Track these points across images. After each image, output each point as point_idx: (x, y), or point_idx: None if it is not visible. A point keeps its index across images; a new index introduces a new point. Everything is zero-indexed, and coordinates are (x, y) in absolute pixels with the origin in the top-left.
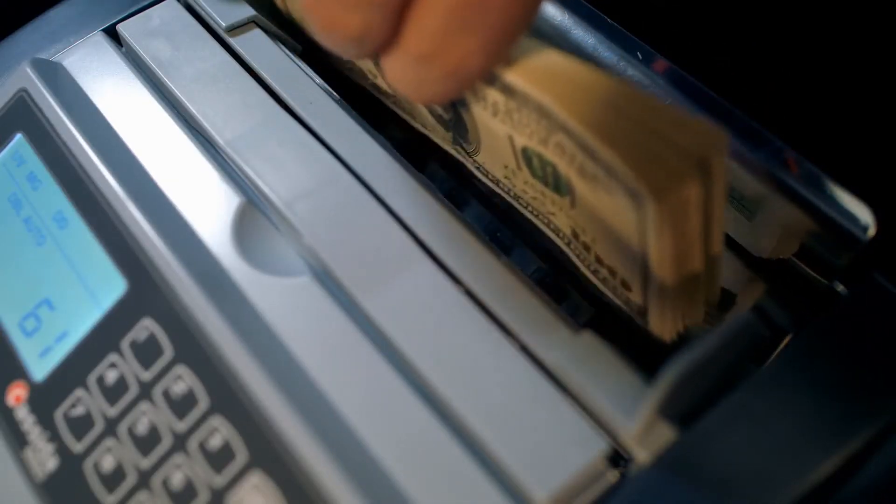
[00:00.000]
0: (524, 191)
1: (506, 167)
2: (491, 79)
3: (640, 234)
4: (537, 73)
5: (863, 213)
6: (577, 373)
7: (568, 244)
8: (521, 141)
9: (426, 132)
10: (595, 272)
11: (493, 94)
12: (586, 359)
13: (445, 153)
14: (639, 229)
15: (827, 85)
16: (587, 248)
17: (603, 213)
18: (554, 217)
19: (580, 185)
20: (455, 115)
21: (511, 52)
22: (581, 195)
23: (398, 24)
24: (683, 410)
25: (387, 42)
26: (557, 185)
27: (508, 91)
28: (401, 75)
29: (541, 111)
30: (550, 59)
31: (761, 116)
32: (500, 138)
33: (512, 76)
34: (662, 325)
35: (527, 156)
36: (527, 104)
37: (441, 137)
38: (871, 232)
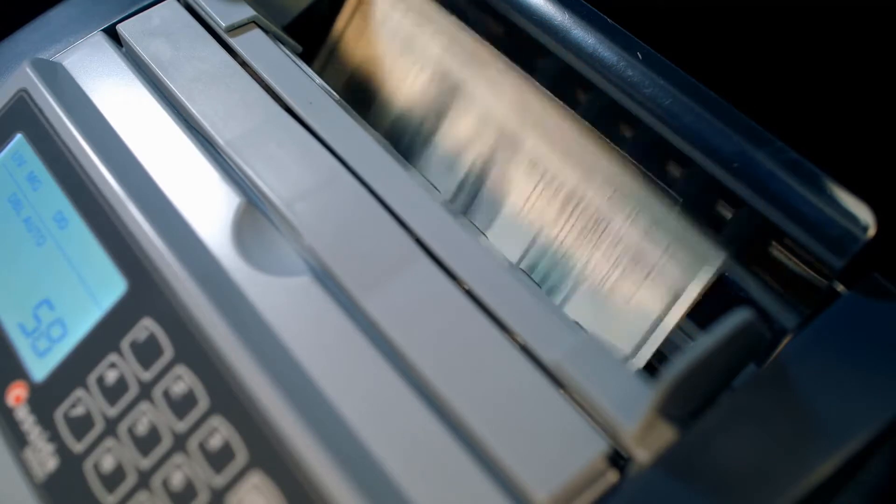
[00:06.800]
0: None
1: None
2: None
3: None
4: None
5: (863, 213)
6: (577, 373)
7: None
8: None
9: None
10: None
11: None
12: (586, 359)
13: None
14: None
15: (827, 85)
16: None
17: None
18: None
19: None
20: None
21: None
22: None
23: None
24: (683, 410)
25: None
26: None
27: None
28: None
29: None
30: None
31: (761, 116)
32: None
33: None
34: None
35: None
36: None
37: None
38: (871, 232)
